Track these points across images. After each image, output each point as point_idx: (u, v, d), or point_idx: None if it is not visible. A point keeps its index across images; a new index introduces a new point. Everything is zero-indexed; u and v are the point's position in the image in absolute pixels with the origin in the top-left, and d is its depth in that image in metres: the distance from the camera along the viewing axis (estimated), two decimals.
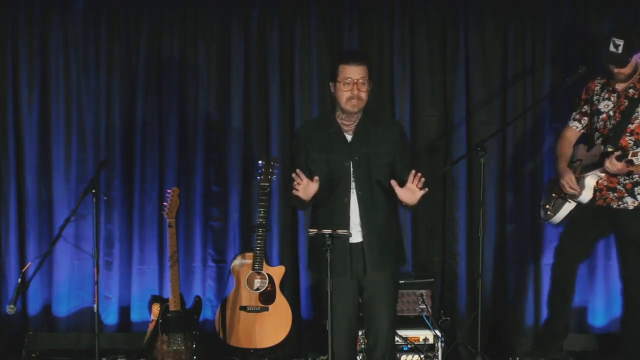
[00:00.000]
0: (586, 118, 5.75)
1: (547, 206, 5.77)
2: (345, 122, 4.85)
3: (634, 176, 5.50)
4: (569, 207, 5.68)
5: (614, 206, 5.56)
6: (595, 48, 6.30)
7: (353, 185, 4.80)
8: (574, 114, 5.80)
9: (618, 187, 5.54)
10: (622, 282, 5.80)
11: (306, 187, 4.69)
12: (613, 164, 5.35)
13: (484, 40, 6.52)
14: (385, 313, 4.88)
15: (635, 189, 5.53)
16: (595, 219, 5.69)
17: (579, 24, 6.45)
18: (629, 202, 5.54)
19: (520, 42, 6.49)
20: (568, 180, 5.63)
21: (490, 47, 6.52)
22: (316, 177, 4.68)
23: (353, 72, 4.75)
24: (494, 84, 6.53)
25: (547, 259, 6.29)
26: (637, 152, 5.27)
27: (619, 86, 5.58)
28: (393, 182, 4.64)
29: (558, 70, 6.46)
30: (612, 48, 5.45)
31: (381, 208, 4.82)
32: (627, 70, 5.50)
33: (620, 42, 5.41)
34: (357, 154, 4.80)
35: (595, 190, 5.60)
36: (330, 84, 4.83)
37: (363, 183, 4.80)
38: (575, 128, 5.78)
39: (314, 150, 4.84)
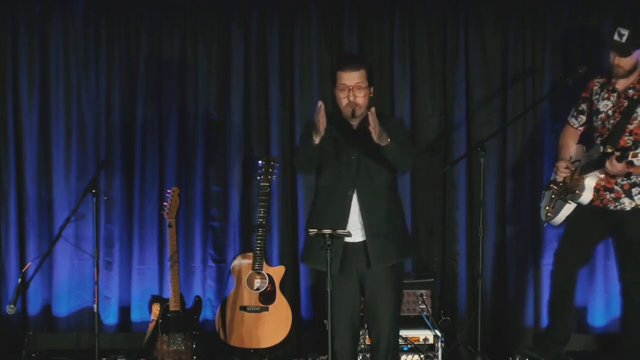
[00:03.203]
0: (582, 116, 5.75)
1: (547, 207, 5.76)
2: (351, 122, 4.87)
3: (632, 177, 5.49)
4: (569, 208, 5.67)
5: (611, 207, 5.55)
6: (595, 48, 6.32)
7: (355, 179, 4.81)
8: (572, 110, 5.81)
9: (615, 187, 5.53)
10: (621, 283, 5.78)
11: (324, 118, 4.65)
12: (613, 165, 5.34)
13: (484, 40, 6.52)
14: (387, 313, 4.89)
15: (633, 190, 5.52)
16: (594, 223, 5.66)
17: (579, 24, 6.45)
18: (626, 203, 5.53)
19: (520, 42, 6.49)
20: (561, 164, 5.65)
21: (490, 47, 6.52)
22: (320, 102, 4.62)
23: (348, 78, 4.76)
24: (494, 84, 6.53)
25: (547, 259, 6.29)
26: (638, 152, 5.26)
27: (619, 86, 5.57)
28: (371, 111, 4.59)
29: (558, 70, 6.46)
30: (616, 37, 5.47)
31: (383, 202, 4.82)
32: (627, 63, 5.49)
33: (625, 32, 5.43)
34: (359, 149, 4.80)
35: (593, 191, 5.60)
36: (333, 88, 4.85)
37: (365, 177, 4.81)
38: (572, 125, 5.79)
39: (324, 143, 4.81)
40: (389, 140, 4.67)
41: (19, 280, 5.62)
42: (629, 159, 5.26)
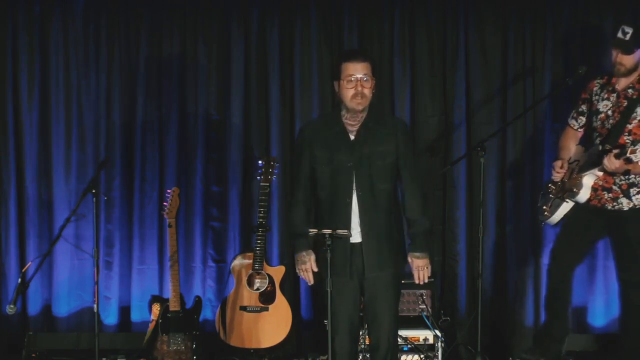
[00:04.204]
0: (583, 118, 5.75)
1: (544, 207, 5.76)
2: (350, 122, 4.85)
3: (630, 176, 5.49)
4: (566, 207, 5.67)
5: (609, 207, 5.55)
6: (595, 48, 6.33)
7: (355, 185, 4.80)
8: (572, 112, 5.81)
9: (614, 187, 5.53)
10: (619, 284, 5.78)
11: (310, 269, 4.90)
12: (611, 162, 5.34)
13: (484, 40, 6.52)
14: (387, 313, 4.88)
15: (631, 190, 5.52)
16: (591, 222, 5.66)
17: (579, 24, 6.45)
18: (624, 203, 5.53)
19: (520, 42, 6.50)
20: (557, 164, 5.66)
21: (490, 47, 6.52)
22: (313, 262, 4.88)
23: (356, 70, 4.76)
24: (494, 84, 6.53)
25: (547, 259, 6.27)
26: (636, 149, 5.26)
27: (619, 86, 5.58)
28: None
29: (558, 70, 6.46)
30: (620, 35, 5.48)
31: (382, 209, 4.82)
32: (629, 61, 5.50)
33: (630, 30, 5.45)
34: (359, 154, 4.80)
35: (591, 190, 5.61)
36: (334, 83, 4.83)
37: (364, 183, 4.80)
38: (572, 126, 5.79)
39: (318, 149, 4.84)
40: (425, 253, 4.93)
41: (19, 280, 5.62)
42: (627, 155, 5.26)
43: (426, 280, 4.95)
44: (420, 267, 4.90)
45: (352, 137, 4.84)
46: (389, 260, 4.86)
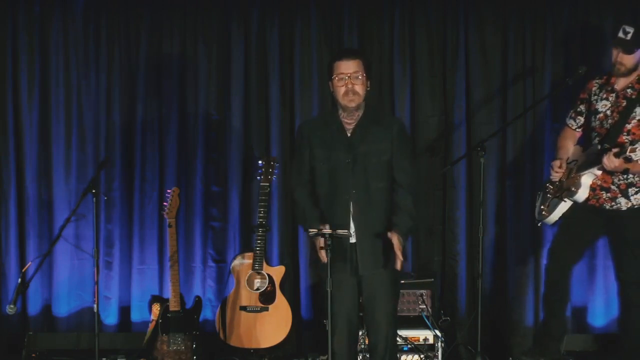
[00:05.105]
0: (581, 117, 5.75)
1: (542, 206, 5.76)
2: (347, 120, 4.87)
3: (629, 176, 5.49)
4: (564, 206, 5.67)
5: (607, 207, 5.55)
6: (595, 48, 6.33)
7: (351, 183, 4.81)
8: (570, 112, 5.82)
9: (612, 187, 5.53)
10: (618, 283, 5.78)
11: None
12: (611, 161, 5.34)
13: (484, 40, 6.52)
14: (384, 313, 4.89)
15: (630, 189, 5.52)
16: (590, 221, 5.66)
17: (579, 23, 6.45)
18: (622, 203, 5.53)
19: (520, 42, 6.50)
20: (555, 163, 5.65)
21: (490, 47, 6.52)
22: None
23: (346, 67, 4.79)
24: (494, 84, 6.53)
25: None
26: (635, 148, 5.27)
27: (618, 86, 5.58)
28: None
29: (558, 70, 6.46)
30: (621, 34, 5.49)
31: (377, 207, 4.83)
32: (629, 61, 5.50)
33: (631, 30, 5.46)
34: (354, 152, 4.81)
35: (589, 189, 5.61)
36: (329, 83, 4.86)
37: (359, 182, 4.81)
38: (570, 126, 5.80)
39: (317, 147, 4.87)
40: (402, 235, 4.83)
41: (19, 280, 5.62)
42: (627, 154, 5.27)
43: (399, 266, 4.82)
44: (398, 249, 4.77)
45: (348, 135, 4.85)
46: (386, 259, 4.85)
